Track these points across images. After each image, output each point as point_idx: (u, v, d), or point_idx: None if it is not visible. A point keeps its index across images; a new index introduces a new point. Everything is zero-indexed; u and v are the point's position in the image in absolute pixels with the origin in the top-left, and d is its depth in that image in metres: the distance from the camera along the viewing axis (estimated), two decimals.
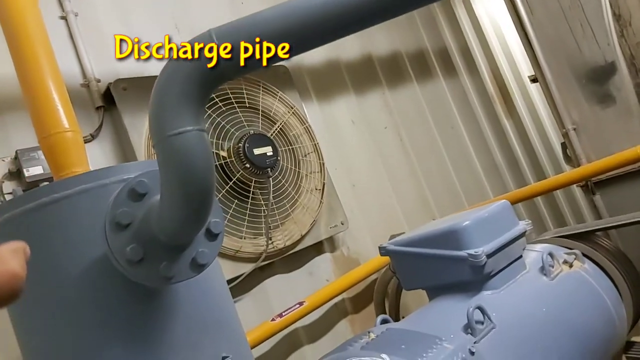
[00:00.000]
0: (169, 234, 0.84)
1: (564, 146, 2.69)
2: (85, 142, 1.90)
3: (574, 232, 1.80)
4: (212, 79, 0.78)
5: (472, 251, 1.35)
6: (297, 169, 2.28)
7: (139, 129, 1.91)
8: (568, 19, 2.46)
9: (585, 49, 2.44)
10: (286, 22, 0.77)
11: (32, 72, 1.30)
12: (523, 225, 1.52)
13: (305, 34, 0.77)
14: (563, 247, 1.73)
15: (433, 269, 1.46)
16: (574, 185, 2.70)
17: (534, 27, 2.56)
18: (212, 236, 0.91)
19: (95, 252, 0.91)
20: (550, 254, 1.54)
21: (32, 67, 1.30)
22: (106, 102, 1.98)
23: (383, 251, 1.58)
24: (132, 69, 2.10)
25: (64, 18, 2.02)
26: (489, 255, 1.36)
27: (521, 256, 1.52)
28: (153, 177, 0.86)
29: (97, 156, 1.91)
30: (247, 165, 2.00)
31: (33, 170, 1.65)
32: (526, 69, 3.31)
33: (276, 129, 2.25)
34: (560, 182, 2.47)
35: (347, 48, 2.96)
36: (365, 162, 2.81)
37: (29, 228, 0.95)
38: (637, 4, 2.30)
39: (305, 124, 2.40)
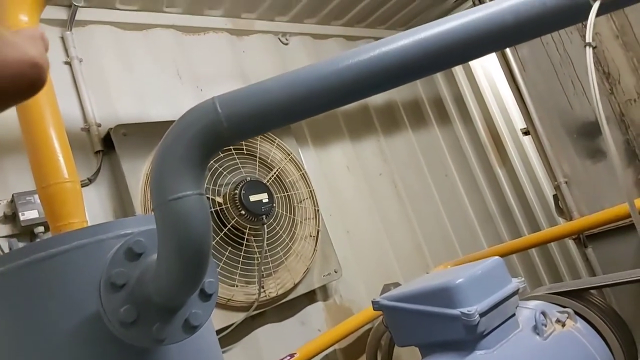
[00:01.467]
0: (164, 295, 0.84)
1: (555, 198, 2.72)
2: (82, 186, 1.93)
3: (566, 289, 1.81)
4: (214, 145, 0.80)
5: (465, 310, 1.35)
6: (292, 216, 2.29)
7: (136, 174, 1.93)
8: (559, 76, 2.54)
9: (576, 104, 2.51)
10: (288, 94, 0.80)
11: (35, 119, 1.33)
12: (516, 282, 1.52)
13: (307, 106, 0.80)
14: (556, 304, 1.73)
15: (425, 326, 1.45)
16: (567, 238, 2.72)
17: (526, 82, 2.64)
18: (206, 296, 0.91)
19: (88, 310, 0.91)
20: (543, 313, 1.53)
21: (34, 114, 1.33)
22: (105, 146, 2.01)
23: (376, 306, 1.57)
24: (133, 114, 2.14)
25: (68, 63, 2.06)
26: (482, 314, 1.36)
27: (514, 314, 1.51)
28: (150, 236, 0.87)
29: (94, 200, 1.92)
30: (243, 212, 2.01)
31: (28, 214, 1.65)
32: (519, 120, 3.39)
33: (273, 176, 2.27)
34: (553, 235, 2.49)
35: None
36: (360, 209, 2.82)
37: (24, 282, 0.95)
38: (625, 63, 2.39)
39: (301, 170, 2.43)
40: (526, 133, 2.82)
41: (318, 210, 2.40)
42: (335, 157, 2.84)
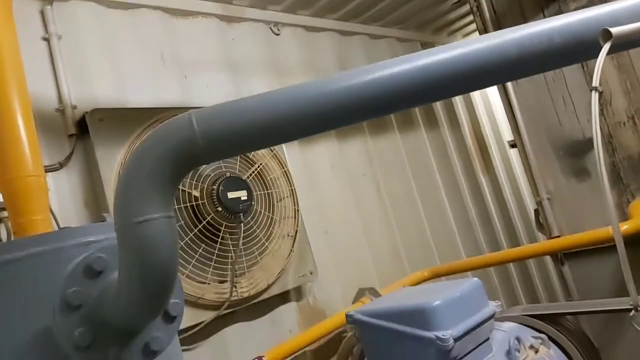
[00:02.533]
0: (124, 319, 0.78)
1: (536, 213, 2.71)
2: (52, 171, 1.85)
3: (542, 312, 1.80)
4: (186, 164, 0.73)
5: (440, 334, 1.32)
6: (270, 215, 2.23)
7: (110, 162, 1.85)
8: (551, 91, 2.51)
9: (565, 122, 2.48)
10: (273, 114, 0.74)
11: (1, 106, 1.24)
12: (493, 306, 1.50)
13: (292, 129, 0.74)
14: (530, 327, 1.72)
15: (398, 345, 1.42)
16: None
17: (518, 95, 2.61)
18: (169, 319, 0.86)
19: (41, 325, 0.84)
20: (518, 339, 1.52)
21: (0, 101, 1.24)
22: (80, 130, 1.91)
23: (349, 319, 1.53)
24: (111, 98, 2.04)
25: (46, 40, 1.96)
26: (457, 339, 1.33)
27: (488, 338, 1.49)
28: (112, 252, 0.81)
29: (64, 187, 1.83)
30: (219, 209, 1.95)
31: None
32: (507, 131, 3.37)
33: (254, 171, 2.21)
34: (533, 252, 2.49)
35: None
36: (341, 209, 2.78)
37: None
38: (618, 85, 2.37)
39: (284, 167, 2.37)
40: (513, 146, 2.81)
41: (298, 210, 2.35)
42: (320, 155, 2.79)
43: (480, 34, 2.79)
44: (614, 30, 0.78)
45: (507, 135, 3.34)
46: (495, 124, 3.53)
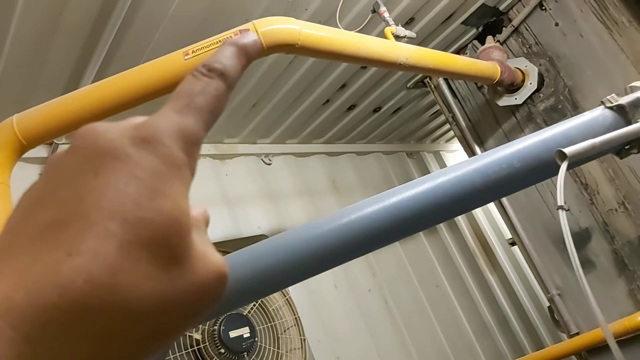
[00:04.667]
0: None
1: (550, 310, 2.62)
2: None
3: None
4: None
5: None
6: (276, 349, 2.16)
7: None
8: (538, 188, 2.57)
9: (558, 215, 2.50)
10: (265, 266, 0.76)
11: None
12: None
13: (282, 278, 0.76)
14: None
15: None
16: None
17: (508, 196, 2.66)
18: None
19: None
20: None
21: None
22: None
23: None
24: None
25: None
26: None
27: None
28: None
29: None
30: (222, 351, 1.89)
31: None
32: (506, 228, 3.38)
33: (254, 305, 2.18)
34: (554, 355, 2.36)
35: (329, 213, 3.02)
36: (350, 330, 2.69)
37: None
38: (601, 174, 2.43)
39: (286, 295, 2.34)
40: (512, 244, 2.80)
41: (305, 339, 2.28)
42: (321, 276, 2.75)
43: (459, 141, 2.93)
44: (568, 150, 0.82)
45: (507, 232, 3.35)
46: (495, 222, 3.56)
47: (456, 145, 3.97)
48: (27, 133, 1.25)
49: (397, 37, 1.82)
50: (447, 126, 3.73)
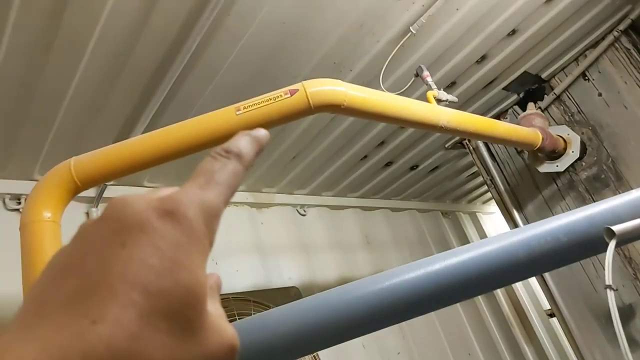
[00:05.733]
0: None
1: None
2: None
3: None
4: None
5: None
6: None
7: None
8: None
9: (600, 289, 2.41)
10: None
11: None
12: None
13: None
14: None
15: None
16: None
17: None
18: None
19: None
20: None
21: None
22: None
23: None
24: None
25: None
26: None
27: None
28: None
29: None
30: None
31: None
32: (544, 299, 3.26)
33: None
34: None
35: (360, 268, 2.99)
36: None
37: None
38: None
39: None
40: (551, 315, 2.69)
41: None
42: None
43: (497, 204, 2.89)
44: (617, 228, 0.81)
45: (546, 302, 3.22)
46: (532, 291, 3.43)
47: (493, 208, 3.91)
48: (82, 175, 1.32)
49: (439, 101, 1.86)
50: (484, 187, 3.70)
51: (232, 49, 1.76)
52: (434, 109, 1.74)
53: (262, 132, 0.36)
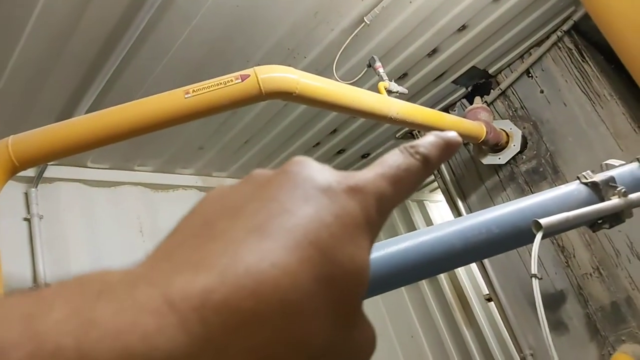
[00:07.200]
0: None
1: None
2: None
3: None
4: None
5: None
6: None
7: None
8: (517, 248, 2.62)
9: None
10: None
11: None
12: None
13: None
14: None
15: None
16: None
17: None
18: None
19: None
20: None
21: None
22: None
23: None
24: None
25: (27, 220, 2.03)
26: None
27: None
28: None
29: None
30: None
31: None
32: (484, 284, 3.41)
33: None
34: None
35: None
36: None
37: None
38: (578, 238, 2.49)
39: None
40: (489, 300, 2.82)
41: None
42: None
43: (443, 193, 2.99)
44: (543, 221, 0.87)
45: (485, 287, 3.37)
46: (473, 276, 3.58)
47: (440, 196, 4.03)
48: (20, 155, 1.26)
49: (390, 92, 1.89)
50: (432, 177, 3.80)
51: (183, 29, 1.72)
52: (384, 100, 1.77)
53: (455, 139, 0.33)
